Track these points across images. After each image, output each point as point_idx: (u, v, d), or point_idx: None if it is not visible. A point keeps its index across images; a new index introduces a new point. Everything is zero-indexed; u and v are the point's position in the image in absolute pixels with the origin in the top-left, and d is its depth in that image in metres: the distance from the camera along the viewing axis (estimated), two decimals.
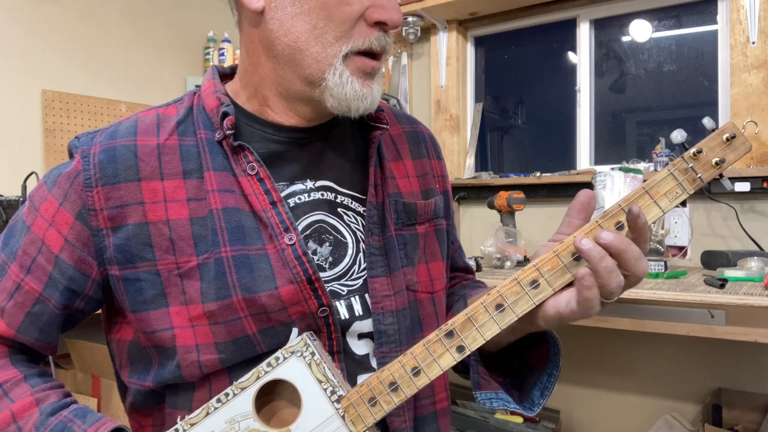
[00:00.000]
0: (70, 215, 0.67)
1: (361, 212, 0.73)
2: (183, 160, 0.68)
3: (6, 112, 2.21)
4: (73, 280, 0.68)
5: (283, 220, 0.67)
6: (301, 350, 0.61)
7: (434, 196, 0.80)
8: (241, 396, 0.61)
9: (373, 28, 0.66)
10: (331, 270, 0.70)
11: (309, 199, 0.72)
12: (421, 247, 0.77)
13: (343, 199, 0.73)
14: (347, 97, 0.66)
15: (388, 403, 0.60)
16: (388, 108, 0.83)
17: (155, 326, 0.66)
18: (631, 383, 2.09)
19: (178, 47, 2.81)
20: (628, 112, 2.34)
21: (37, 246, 0.68)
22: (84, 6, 2.45)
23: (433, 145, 0.86)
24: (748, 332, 1.30)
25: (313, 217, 0.71)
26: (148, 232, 0.66)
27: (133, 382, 0.71)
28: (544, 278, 0.59)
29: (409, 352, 0.60)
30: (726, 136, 0.60)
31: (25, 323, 0.68)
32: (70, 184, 0.67)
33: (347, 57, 0.66)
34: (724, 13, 2.01)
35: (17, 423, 0.63)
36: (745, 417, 1.85)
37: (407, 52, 2.61)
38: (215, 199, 0.67)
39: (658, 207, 0.59)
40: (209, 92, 0.72)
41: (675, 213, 1.80)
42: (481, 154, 2.62)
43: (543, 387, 0.69)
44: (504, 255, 1.84)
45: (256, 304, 0.65)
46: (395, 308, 0.71)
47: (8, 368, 0.68)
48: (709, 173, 0.60)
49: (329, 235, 0.71)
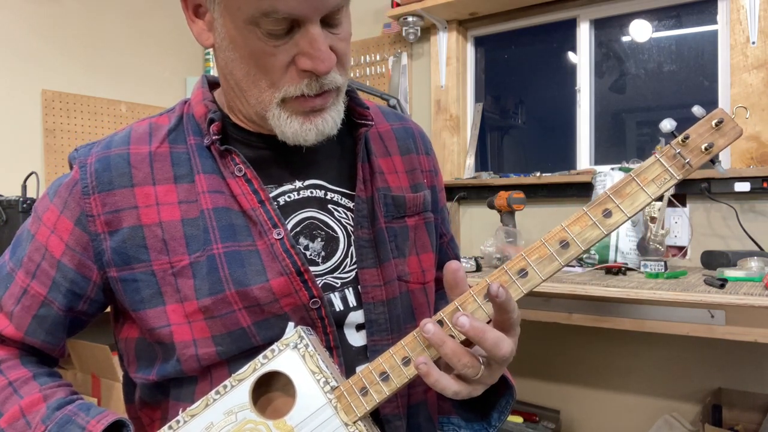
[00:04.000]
0: (69, 222, 0.71)
1: (351, 207, 0.76)
2: (174, 166, 0.72)
3: (6, 112, 2.21)
4: (74, 282, 0.71)
5: (271, 217, 0.70)
6: (295, 342, 0.63)
7: (422, 190, 0.82)
8: (238, 388, 0.63)
9: (303, 74, 0.66)
10: (324, 264, 0.73)
11: (298, 197, 0.74)
12: (412, 239, 0.79)
13: (332, 195, 0.76)
14: (290, 135, 0.69)
15: (379, 393, 0.61)
16: (375, 106, 0.86)
17: (153, 324, 0.69)
18: (631, 383, 2.09)
19: (178, 47, 2.81)
20: (628, 112, 2.34)
21: (41, 252, 0.71)
22: (84, 6, 2.45)
23: (422, 141, 0.87)
24: (748, 332, 1.30)
25: (303, 214, 0.74)
26: (143, 234, 0.69)
27: (139, 377, 0.74)
28: (531, 267, 0.60)
29: (400, 343, 0.61)
30: (715, 122, 0.60)
31: (32, 326, 0.72)
32: (69, 192, 0.71)
33: (284, 101, 0.67)
34: (724, 13, 2.01)
35: (25, 417, 0.67)
36: (745, 417, 1.85)
37: (407, 52, 2.61)
38: (206, 200, 0.70)
39: (646, 193, 0.60)
40: (198, 100, 0.76)
41: (675, 213, 1.81)
42: (481, 154, 2.62)
43: (501, 411, 0.73)
44: (504, 255, 1.84)
45: (249, 296, 0.68)
46: (386, 298, 0.73)
47: (19, 368, 0.72)
48: (699, 158, 0.60)
49: (320, 230, 0.74)
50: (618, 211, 0.61)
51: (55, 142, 2.34)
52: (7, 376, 0.71)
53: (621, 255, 1.72)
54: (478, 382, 0.60)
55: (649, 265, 1.60)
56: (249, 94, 0.69)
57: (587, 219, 0.61)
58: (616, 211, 0.61)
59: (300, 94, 0.67)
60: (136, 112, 2.61)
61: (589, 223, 0.61)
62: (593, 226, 0.61)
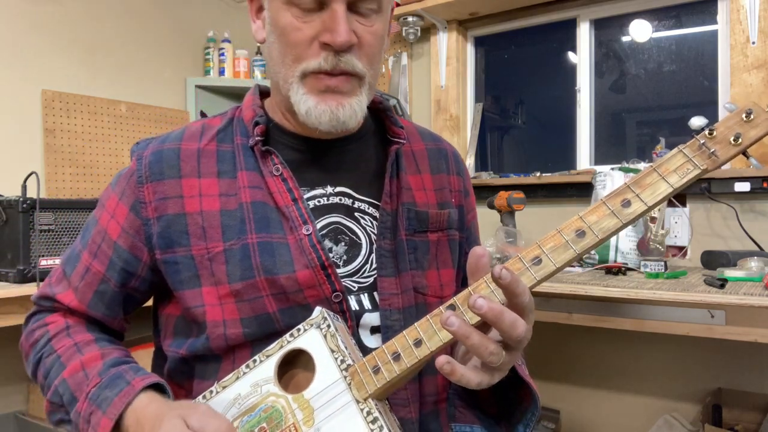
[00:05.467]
0: (126, 207, 0.79)
1: (377, 216, 0.81)
2: (218, 162, 0.80)
3: (6, 112, 2.21)
4: (128, 262, 0.79)
5: (302, 214, 0.76)
6: (319, 322, 0.68)
7: (449, 209, 0.87)
8: (265, 363, 0.69)
9: (323, 49, 0.73)
10: (345, 267, 0.78)
11: (327, 202, 0.80)
12: (433, 253, 0.83)
13: (360, 204, 0.81)
14: (305, 113, 0.75)
15: (390, 372, 0.63)
16: (413, 127, 0.93)
17: (190, 303, 0.76)
18: (631, 383, 2.09)
19: (178, 47, 2.81)
20: (628, 112, 2.34)
21: (101, 235, 0.81)
22: (84, 6, 2.45)
23: (454, 162, 0.92)
24: (748, 332, 1.30)
25: (330, 218, 0.80)
26: (185, 221, 0.77)
27: (171, 350, 0.81)
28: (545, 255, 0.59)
29: (414, 326, 0.63)
30: (744, 114, 0.59)
31: (94, 300, 0.81)
32: (127, 181, 0.80)
33: (305, 77, 0.74)
34: (724, 13, 2.01)
35: (85, 370, 0.75)
36: (745, 417, 1.85)
37: (407, 52, 2.61)
38: (246, 193, 0.77)
39: (667, 182, 0.58)
40: (248, 105, 0.84)
41: (675, 213, 1.81)
42: (481, 154, 2.62)
43: (526, 423, 0.74)
44: (504, 255, 1.84)
45: (276, 284, 0.74)
46: (402, 306, 0.77)
47: (84, 333, 0.81)
48: (726, 149, 0.58)
49: (344, 235, 0.79)
50: (637, 200, 0.59)
51: (55, 142, 2.34)
52: (74, 338, 0.79)
53: (621, 255, 1.72)
54: (498, 369, 0.61)
55: (649, 265, 1.60)
56: (280, 75, 0.76)
57: (605, 209, 0.59)
58: (635, 200, 0.59)
59: (317, 69, 0.73)
60: (136, 112, 2.61)
61: (606, 212, 0.59)
62: (610, 216, 0.59)
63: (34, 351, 0.81)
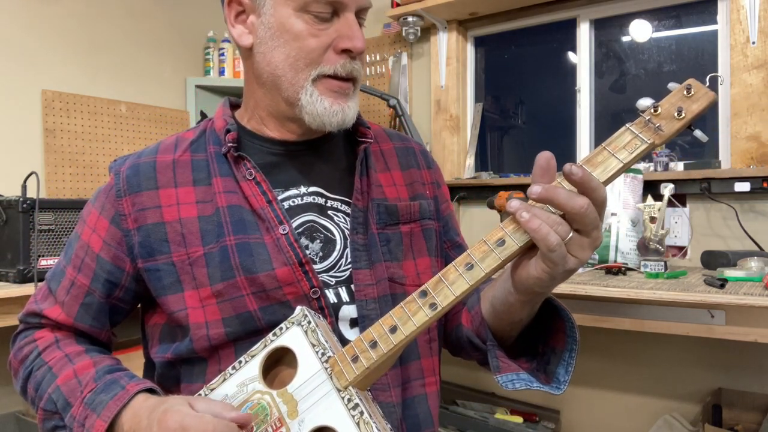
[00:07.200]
0: (106, 221, 0.83)
1: (349, 213, 0.84)
2: (194, 171, 0.83)
3: (6, 112, 2.21)
4: (111, 273, 0.82)
5: (277, 215, 0.79)
6: (300, 320, 0.71)
7: (421, 200, 0.90)
8: (251, 362, 0.71)
9: (340, 55, 0.79)
10: (322, 263, 0.81)
11: (302, 202, 0.84)
12: (407, 244, 0.86)
13: (332, 203, 0.85)
14: (319, 113, 0.79)
15: (368, 359, 0.65)
16: (380, 128, 0.97)
17: (173, 308, 0.79)
18: (631, 383, 2.09)
19: (178, 47, 2.81)
20: (628, 112, 2.34)
21: (84, 249, 0.84)
22: (84, 6, 2.45)
23: (423, 157, 0.97)
24: (748, 332, 1.30)
25: (305, 217, 0.83)
26: (165, 230, 0.80)
27: (158, 356, 0.83)
28: (508, 236, 0.63)
29: (389, 314, 0.66)
30: (685, 90, 0.63)
31: (80, 312, 0.83)
32: (106, 196, 0.84)
33: (317, 80, 0.79)
34: (724, 13, 2.01)
35: (78, 377, 0.77)
36: (745, 417, 1.85)
37: (407, 52, 2.61)
38: (221, 198, 0.81)
39: (617, 159, 0.61)
40: (219, 116, 0.88)
41: (675, 213, 1.81)
42: (481, 154, 2.62)
43: (566, 364, 0.75)
44: None
45: (256, 282, 0.77)
46: (377, 295, 0.81)
47: (73, 344, 0.83)
48: (671, 124, 0.62)
49: (319, 233, 0.83)
50: None
51: (55, 142, 2.34)
52: (64, 350, 0.81)
53: (621, 255, 1.72)
54: (561, 264, 0.61)
55: (649, 265, 1.60)
56: (284, 79, 0.80)
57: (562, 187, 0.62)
58: None
59: (333, 74, 0.79)
60: (136, 112, 2.61)
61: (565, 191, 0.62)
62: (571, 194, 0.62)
63: (23, 366, 0.83)
